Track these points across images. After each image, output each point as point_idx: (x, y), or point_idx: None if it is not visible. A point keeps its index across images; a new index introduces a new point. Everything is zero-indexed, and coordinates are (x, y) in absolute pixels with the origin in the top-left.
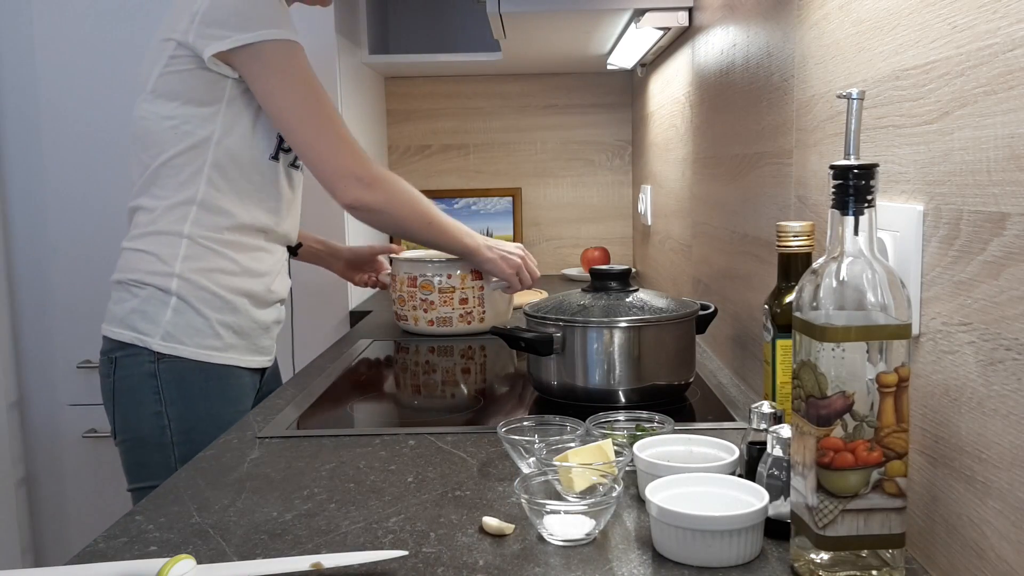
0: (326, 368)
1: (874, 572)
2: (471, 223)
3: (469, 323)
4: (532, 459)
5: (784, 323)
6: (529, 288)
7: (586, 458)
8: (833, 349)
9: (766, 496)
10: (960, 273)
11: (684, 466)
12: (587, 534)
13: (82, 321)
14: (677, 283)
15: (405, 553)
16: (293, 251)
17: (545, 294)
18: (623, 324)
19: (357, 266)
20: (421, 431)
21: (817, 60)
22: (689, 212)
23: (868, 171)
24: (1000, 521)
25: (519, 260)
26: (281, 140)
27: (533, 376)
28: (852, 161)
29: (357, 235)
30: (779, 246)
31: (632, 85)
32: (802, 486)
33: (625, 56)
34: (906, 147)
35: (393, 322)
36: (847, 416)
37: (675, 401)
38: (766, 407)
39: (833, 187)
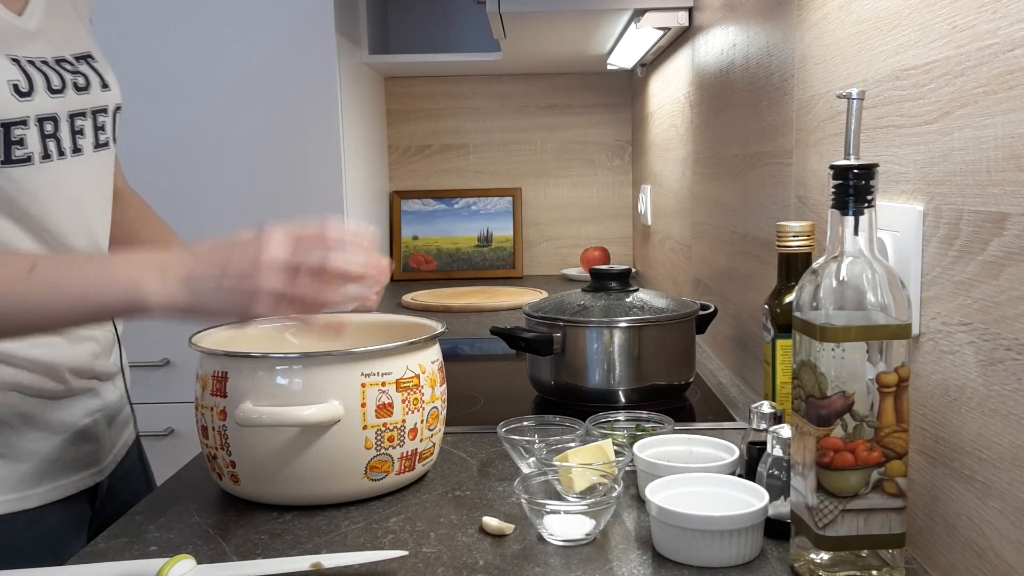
0: None
1: (874, 572)
2: (471, 223)
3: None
4: (532, 459)
5: (784, 323)
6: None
7: (586, 458)
8: (833, 349)
9: (766, 496)
10: (960, 273)
11: (684, 466)
12: (587, 534)
13: None
14: (677, 283)
15: (405, 553)
16: None
17: (545, 294)
18: (623, 324)
19: None
20: None
21: (817, 60)
22: (689, 212)
23: (868, 171)
24: (1000, 521)
25: (276, 270)
26: None
27: (533, 376)
28: (852, 161)
29: None
30: (779, 246)
31: (632, 85)
32: (802, 486)
33: (625, 56)
34: (906, 147)
35: None
36: (847, 416)
37: (675, 401)
38: (766, 407)
39: (833, 187)
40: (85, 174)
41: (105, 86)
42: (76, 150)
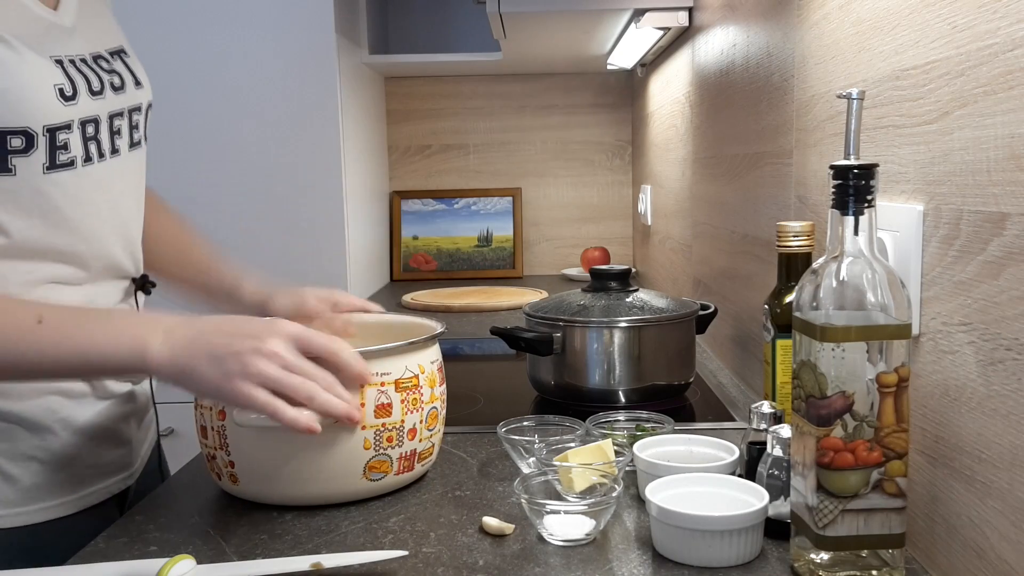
0: None
1: (874, 572)
2: (471, 223)
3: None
4: (532, 459)
5: (784, 323)
6: (333, 417)
7: (586, 458)
8: (833, 349)
9: (766, 496)
10: (960, 273)
11: (684, 466)
12: (587, 534)
13: None
14: (677, 283)
15: (405, 553)
16: (143, 288)
17: (545, 294)
18: (623, 324)
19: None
20: None
21: (817, 60)
22: (689, 212)
23: (868, 171)
24: (1000, 521)
25: (257, 360)
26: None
27: (533, 376)
28: (852, 161)
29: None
30: (779, 246)
31: (632, 85)
32: (802, 486)
33: (625, 56)
34: (906, 147)
35: None
36: (847, 416)
37: (675, 401)
38: (766, 407)
39: (833, 187)
40: (123, 175)
41: (138, 84)
42: (114, 151)
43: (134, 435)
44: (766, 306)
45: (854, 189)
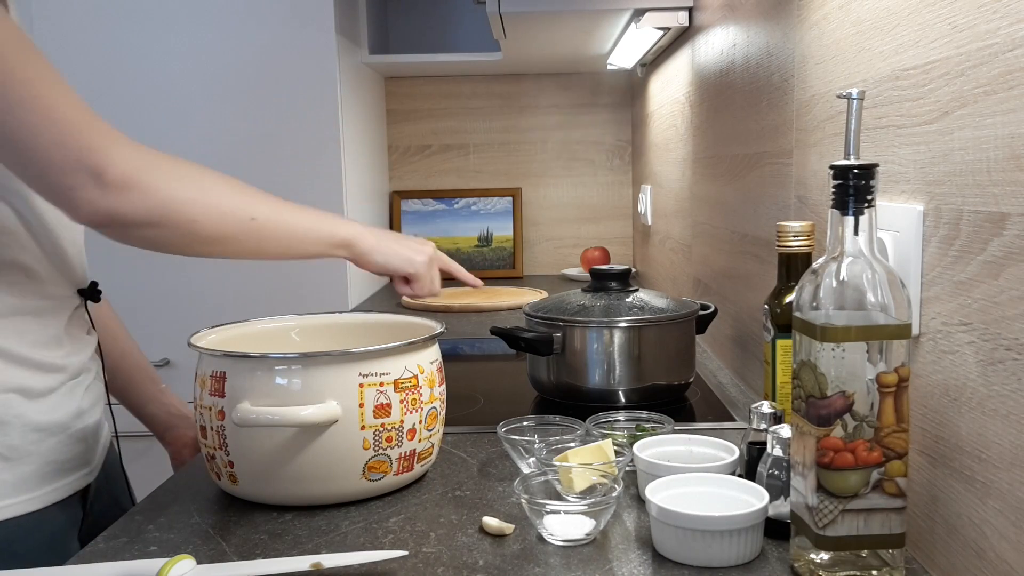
0: None
1: (874, 572)
2: (471, 223)
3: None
4: (532, 459)
5: (784, 323)
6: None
7: (586, 458)
8: (833, 349)
9: (766, 496)
10: (960, 273)
11: (684, 466)
12: (587, 534)
13: None
14: (677, 283)
15: (405, 553)
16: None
17: (545, 294)
18: (623, 324)
19: None
20: None
21: (817, 60)
22: (689, 212)
23: (868, 171)
24: (1000, 521)
25: (424, 256)
26: None
27: (533, 376)
28: (852, 161)
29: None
30: (779, 246)
31: (632, 85)
32: (802, 486)
33: (625, 56)
34: (906, 147)
35: None
36: (847, 416)
37: (675, 401)
38: (766, 407)
39: (833, 187)
40: None
41: None
42: None
43: (90, 433)
44: (766, 306)
45: (854, 189)
